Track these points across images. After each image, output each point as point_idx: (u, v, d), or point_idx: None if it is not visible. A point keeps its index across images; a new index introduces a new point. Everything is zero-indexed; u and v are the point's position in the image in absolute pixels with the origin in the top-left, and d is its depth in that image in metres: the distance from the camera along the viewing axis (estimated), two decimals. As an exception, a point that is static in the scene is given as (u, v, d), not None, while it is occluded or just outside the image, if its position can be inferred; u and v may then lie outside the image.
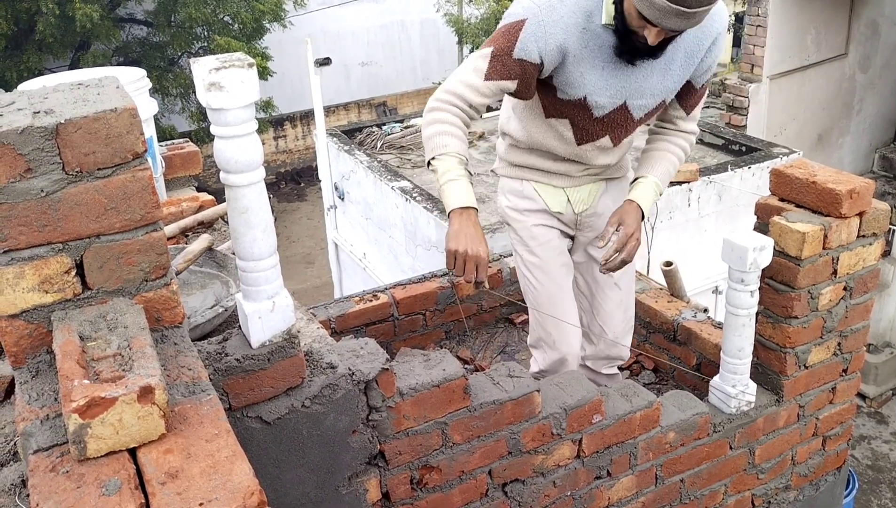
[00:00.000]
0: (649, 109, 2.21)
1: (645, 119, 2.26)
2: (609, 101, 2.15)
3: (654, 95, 2.17)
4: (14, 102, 1.27)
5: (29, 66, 9.63)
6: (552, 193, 2.39)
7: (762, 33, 7.56)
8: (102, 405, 1.06)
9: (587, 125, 2.22)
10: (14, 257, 1.23)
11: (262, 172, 1.51)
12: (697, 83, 2.22)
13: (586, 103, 2.15)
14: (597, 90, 2.12)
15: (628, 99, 2.15)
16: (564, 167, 2.35)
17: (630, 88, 2.13)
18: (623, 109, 2.18)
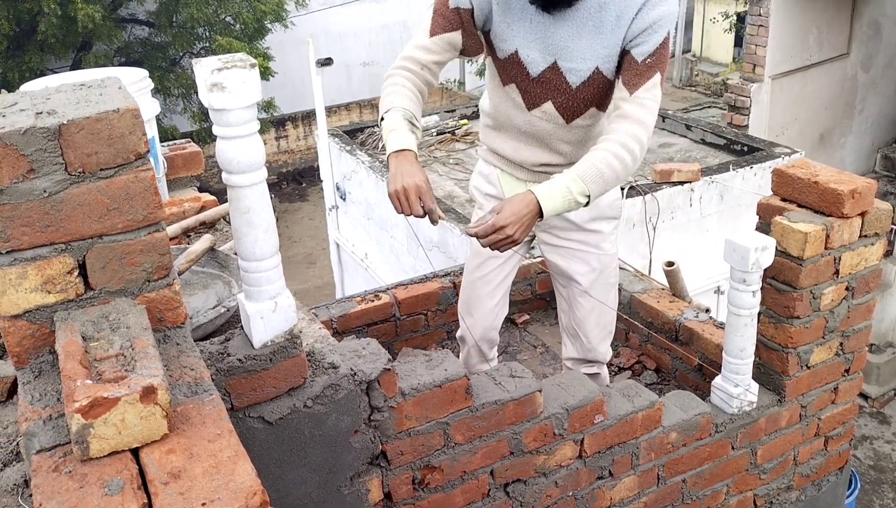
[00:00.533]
0: (584, 76, 2.12)
1: (585, 91, 2.15)
2: (540, 56, 2.12)
3: (586, 60, 2.10)
4: (17, 103, 1.28)
5: (31, 66, 9.64)
6: (514, 184, 2.39)
7: (764, 33, 7.56)
8: (105, 405, 1.06)
9: (529, 87, 2.20)
10: (17, 258, 1.23)
11: (264, 172, 1.51)
12: (638, 55, 2.04)
13: (519, 59, 2.15)
14: (526, 43, 2.12)
15: (559, 59, 2.11)
16: (529, 153, 2.32)
17: (558, 47, 2.10)
18: (556, 71, 2.13)
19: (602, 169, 1.99)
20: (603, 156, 2.00)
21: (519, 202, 1.94)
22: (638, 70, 2.04)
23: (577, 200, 1.96)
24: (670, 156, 6.28)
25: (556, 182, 1.97)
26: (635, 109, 2.04)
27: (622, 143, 2.01)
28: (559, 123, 2.24)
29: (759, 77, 7.71)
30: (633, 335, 3.13)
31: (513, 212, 1.92)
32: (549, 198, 1.95)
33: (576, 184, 1.96)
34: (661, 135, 6.73)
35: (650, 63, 2.04)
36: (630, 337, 3.15)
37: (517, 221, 1.92)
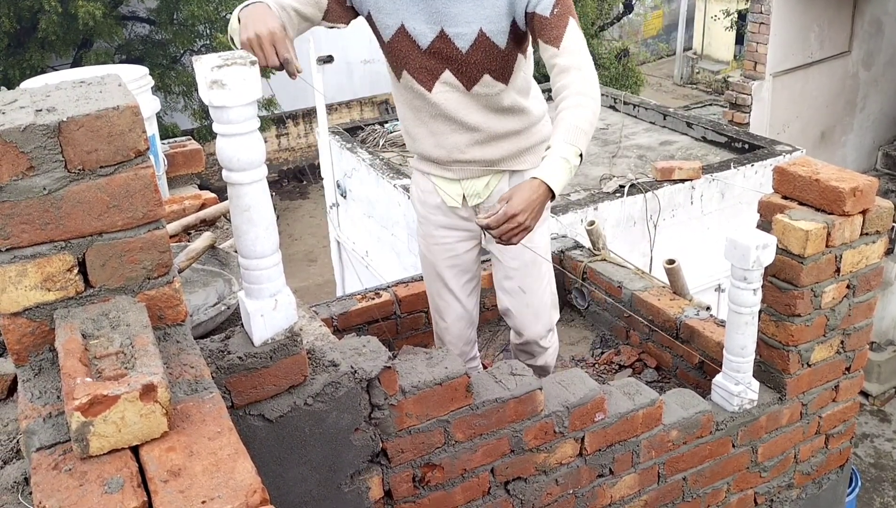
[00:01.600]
0: (470, 39, 2.10)
1: (475, 56, 2.13)
2: (427, 27, 2.11)
3: (470, 23, 2.08)
4: (16, 100, 1.28)
5: (32, 64, 9.63)
6: (448, 186, 2.38)
7: (765, 31, 7.55)
8: (105, 402, 1.06)
9: (422, 62, 2.16)
10: (16, 256, 1.23)
11: (265, 169, 1.51)
12: (543, 10, 2.02)
13: (407, 32, 2.13)
14: (411, 15, 2.11)
15: (444, 26, 2.10)
16: (448, 141, 2.28)
17: (441, 14, 2.08)
18: (444, 39, 2.11)
19: (578, 123, 1.97)
20: (572, 111, 1.99)
21: (527, 189, 1.90)
22: (551, 24, 2.03)
23: (575, 163, 1.95)
24: (671, 154, 6.28)
25: (550, 158, 1.94)
26: (571, 58, 2.03)
27: (580, 91, 2.00)
28: (461, 90, 2.19)
29: (760, 75, 7.70)
30: (633, 333, 3.13)
31: (523, 199, 1.89)
32: (553, 174, 1.92)
33: (567, 150, 1.93)
34: (662, 133, 6.73)
35: (559, 12, 2.03)
36: (631, 335, 3.15)
37: (528, 207, 1.89)
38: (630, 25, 18.02)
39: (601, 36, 12.63)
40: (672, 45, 19.05)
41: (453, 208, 2.42)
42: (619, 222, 5.22)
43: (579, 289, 3.36)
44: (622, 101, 7.26)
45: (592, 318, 3.36)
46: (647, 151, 6.31)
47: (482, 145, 2.29)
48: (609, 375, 3.04)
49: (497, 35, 2.10)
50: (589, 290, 3.32)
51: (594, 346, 3.25)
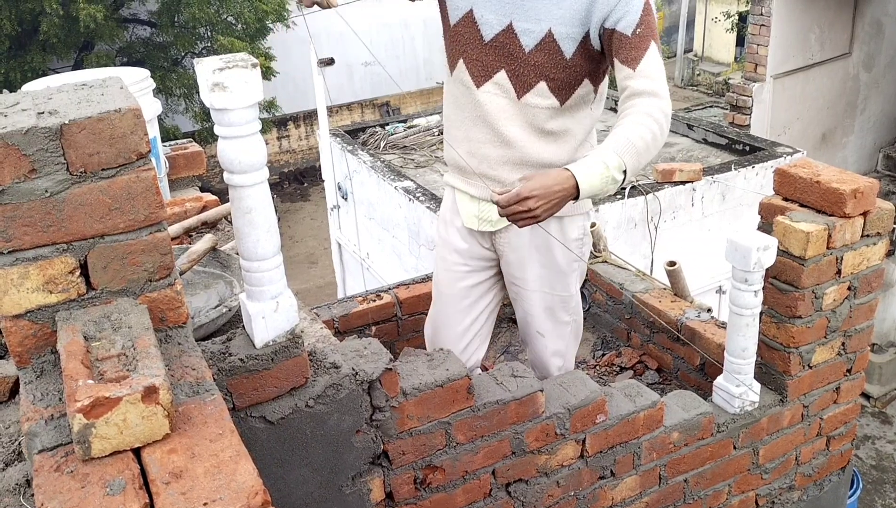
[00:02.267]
0: (538, 38, 2.00)
1: (538, 57, 2.02)
2: (495, 17, 2.03)
3: (541, 21, 1.98)
4: (18, 103, 1.28)
5: (33, 66, 9.64)
6: (467, 204, 2.26)
7: (766, 32, 7.56)
8: (107, 405, 1.06)
9: (480, 54, 2.08)
10: (19, 258, 1.23)
11: (266, 172, 1.52)
12: (625, 29, 1.91)
13: (474, 19, 2.05)
14: (482, 1, 2.03)
15: (514, 19, 2.01)
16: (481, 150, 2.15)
17: (514, 4, 2.00)
18: (510, 33, 2.02)
19: (633, 140, 1.84)
20: (631, 128, 1.86)
21: (552, 176, 1.78)
22: (632, 44, 1.91)
23: (614, 176, 1.81)
24: (672, 156, 6.27)
25: (591, 158, 1.82)
26: (646, 83, 1.91)
27: (647, 113, 1.88)
28: (510, 96, 2.08)
29: (760, 77, 7.71)
30: (634, 335, 3.13)
31: (542, 184, 1.76)
32: (587, 173, 1.79)
33: (611, 158, 1.80)
34: (663, 134, 6.72)
35: (642, 33, 1.91)
36: (632, 337, 3.15)
37: (544, 194, 1.76)
38: (631, 27, 18.03)
39: (602, 38, 12.62)
40: (673, 47, 19.05)
41: (471, 232, 2.29)
42: (619, 223, 5.22)
43: (580, 291, 3.36)
44: (623, 103, 7.25)
45: (593, 320, 3.36)
46: (647, 153, 6.30)
47: (512, 167, 2.14)
48: (610, 377, 3.04)
49: (565, 40, 1.98)
50: (590, 292, 3.32)
51: (595, 348, 3.25)
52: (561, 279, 2.30)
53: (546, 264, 2.26)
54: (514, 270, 2.29)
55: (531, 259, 2.25)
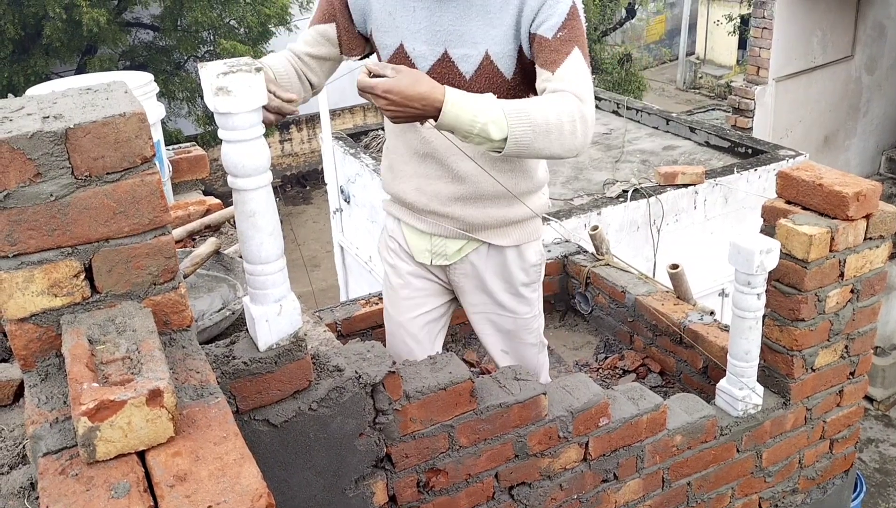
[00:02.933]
0: (476, 63, 1.88)
1: (479, 84, 1.90)
2: (428, 48, 1.90)
3: (476, 43, 1.87)
4: (23, 107, 1.28)
5: (36, 70, 9.66)
6: (417, 239, 2.16)
7: (768, 35, 7.56)
8: (112, 408, 1.07)
9: None
10: (24, 261, 1.24)
11: (270, 175, 1.52)
12: (546, 32, 1.80)
13: (406, 54, 1.93)
14: (411, 34, 1.91)
15: (448, 47, 1.89)
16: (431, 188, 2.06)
17: (447, 32, 1.88)
18: (447, 62, 1.90)
19: (532, 113, 1.67)
20: (538, 103, 1.70)
21: (417, 89, 1.63)
22: (552, 47, 1.79)
23: (488, 130, 1.64)
24: (674, 158, 6.28)
25: (476, 96, 1.67)
26: (566, 85, 1.76)
27: (562, 101, 1.73)
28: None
29: (763, 79, 7.71)
30: (637, 338, 3.13)
31: (402, 90, 1.62)
32: (455, 106, 1.63)
33: (494, 112, 1.65)
34: (665, 138, 6.73)
35: (563, 37, 1.79)
36: (635, 340, 3.15)
37: (399, 102, 1.63)
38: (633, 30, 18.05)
39: (604, 41, 12.64)
40: (675, 49, 19.06)
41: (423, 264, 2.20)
42: (622, 226, 5.22)
43: (583, 294, 3.37)
44: (625, 106, 7.27)
45: (596, 323, 3.36)
46: (650, 156, 6.32)
47: (465, 203, 2.05)
48: (613, 380, 3.04)
49: (503, 59, 1.88)
50: (593, 295, 3.32)
51: (598, 351, 3.25)
52: (522, 303, 2.22)
53: (505, 289, 2.18)
54: (472, 298, 2.21)
55: (489, 286, 2.17)
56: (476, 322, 2.27)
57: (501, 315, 2.23)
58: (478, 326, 2.27)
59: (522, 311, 2.23)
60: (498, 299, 2.19)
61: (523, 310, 2.23)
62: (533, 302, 2.25)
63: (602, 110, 7.44)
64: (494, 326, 2.25)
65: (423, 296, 2.25)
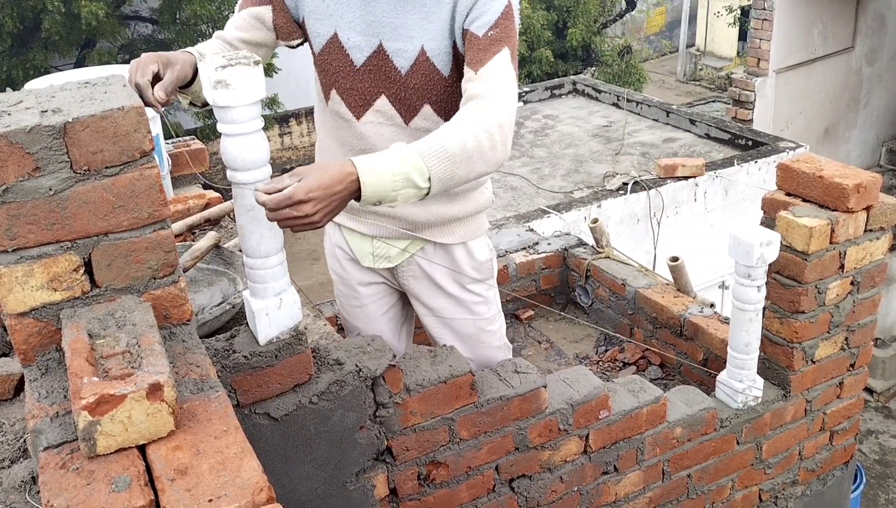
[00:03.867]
0: (412, 58, 1.80)
1: (416, 79, 1.83)
2: (363, 39, 1.81)
3: (412, 38, 1.79)
4: (22, 101, 1.28)
5: (35, 64, 9.64)
6: (359, 241, 2.07)
7: (768, 27, 7.54)
8: (112, 402, 1.07)
9: (355, 82, 1.86)
10: (23, 256, 1.24)
11: (269, 169, 1.52)
12: (477, 29, 1.73)
13: (340, 44, 1.83)
14: (346, 24, 1.81)
15: (383, 39, 1.80)
16: None
17: (381, 24, 1.79)
18: (382, 55, 1.81)
19: (448, 145, 1.56)
20: (451, 131, 1.59)
21: (330, 174, 1.45)
22: (481, 45, 1.72)
23: (414, 180, 1.51)
24: (674, 151, 6.27)
25: (385, 153, 1.53)
26: (486, 87, 1.68)
27: (476, 118, 1.63)
28: (397, 122, 1.89)
29: (763, 71, 7.69)
30: (637, 331, 3.13)
31: (320, 184, 1.43)
32: (373, 172, 1.48)
33: (411, 159, 1.51)
34: (666, 130, 6.72)
35: (493, 36, 1.72)
36: (635, 332, 3.15)
37: (323, 197, 1.44)
38: (633, 22, 18.00)
39: (604, 33, 12.60)
40: (675, 41, 19.01)
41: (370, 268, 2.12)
42: (622, 219, 5.22)
43: (583, 286, 3.37)
44: (625, 98, 7.26)
45: (596, 315, 3.36)
46: (650, 149, 6.31)
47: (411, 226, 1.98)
48: (613, 372, 3.04)
49: (439, 56, 1.80)
50: (593, 287, 3.32)
51: (598, 343, 3.25)
52: (479, 303, 2.14)
53: (458, 288, 2.10)
54: (426, 300, 2.12)
55: (441, 285, 2.09)
56: (432, 328, 2.16)
57: (459, 319, 2.14)
58: (435, 331, 2.16)
59: (481, 311, 2.15)
60: (453, 298, 2.10)
61: (481, 310, 2.15)
62: (490, 300, 2.17)
63: (602, 102, 7.43)
64: (454, 332, 2.15)
65: (373, 301, 2.18)
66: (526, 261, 3.39)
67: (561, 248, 3.45)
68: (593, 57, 12.25)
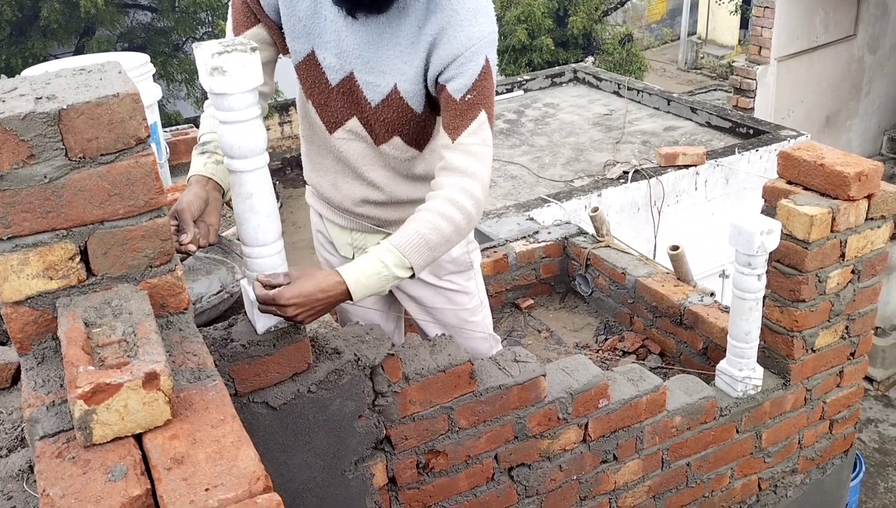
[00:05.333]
0: (383, 94, 1.79)
1: (386, 113, 1.82)
2: (338, 61, 1.79)
3: (385, 74, 1.77)
4: (16, 88, 1.27)
5: (34, 52, 9.61)
6: (339, 233, 2.09)
7: (770, 15, 7.51)
8: (108, 391, 1.06)
9: (327, 99, 1.86)
10: (18, 244, 1.23)
11: (266, 157, 1.51)
12: (454, 91, 1.71)
13: (317, 61, 1.81)
14: (323, 43, 1.78)
15: (355, 70, 1.78)
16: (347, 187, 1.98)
17: (355, 54, 1.77)
18: (353, 83, 1.80)
19: (426, 234, 1.67)
20: (427, 218, 1.68)
21: (316, 283, 1.59)
22: (457, 109, 1.71)
23: (396, 274, 1.65)
24: (675, 139, 6.25)
25: (368, 257, 1.65)
26: (462, 159, 1.71)
27: (451, 199, 1.70)
28: (368, 142, 1.89)
29: (764, 59, 7.66)
30: (637, 320, 3.13)
31: (301, 292, 1.57)
32: (360, 278, 1.62)
33: (391, 255, 1.64)
34: (667, 118, 6.70)
35: (471, 100, 1.71)
36: (635, 321, 3.15)
37: (305, 303, 1.57)
38: (634, 10, 17.92)
39: (605, 21, 12.55)
40: (676, 29, 18.93)
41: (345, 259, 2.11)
42: (622, 208, 5.21)
43: (583, 276, 3.36)
44: (626, 86, 7.23)
45: (596, 304, 3.35)
46: (651, 137, 6.29)
47: (379, 206, 1.99)
48: (613, 361, 3.04)
49: (413, 98, 1.79)
50: (593, 276, 3.31)
51: (598, 332, 3.25)
52: (459, 293, 2.14)
53: (435, 280, 2.10)
54: (406, 288, 2.12)
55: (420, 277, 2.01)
56: (417, 317, 2.17)
57: (440, 309, 2.14)
58: (420, 321, 2.18)
59: (461, 301, 2.14)
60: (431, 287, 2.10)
61: (461, 300, 2.15)
62: (470, 291, 2.17)
63: (603, 91, 7.40)
64: (437, 322, 2.16)
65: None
66: (526, 250, 3.39)
67: (561, 237, 3.44)
68: (594, 45, 12.20)
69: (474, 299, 2.19)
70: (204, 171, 1.70)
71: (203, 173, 1.70)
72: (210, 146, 1.74)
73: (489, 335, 2.28)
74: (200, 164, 1.72)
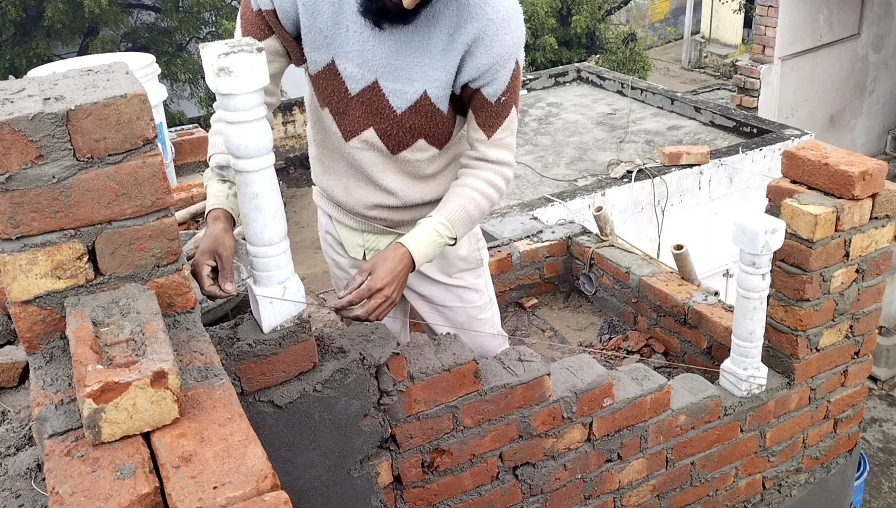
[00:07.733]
0: (410, 101, 1.83)
1: (412, 119, 1.87)
2: (360, 71, 1.81)
3: (413, 81, 1.81)
4: (24, 89, 1.28)
5: (38, 52, 9.62)
6: (349, 235, 2.12)
7: (774, 14, 7.50)
8: (116, 389, 1.07)
9: (346, 108, 1.88)
10: (27, 244, 1.24)
11: (272, 157, 1.52)
12: (490, 96, 1.81)
13: (336, 71, 1.83)
14: (344, 53, 1.80)
15: (380, 78, 1.81)
16: (360, 192, 2.00)
17: (381, 63, 1.79)
18: (377, 91, 1.83)
19: (470, 210, 1.86)
20: (471, 195, 1.87)
21: (392, 258, 1.76)
22: (493, 111, 1.84)
23: (446, 242, 1.84)
24: (679, 138, 6.25)
25: (424, 228, 1.81)
26: (497, 152, 1.88)
27: (490, 181, 1.88)
28: (384, 152, 1.93)
29: (768, 58, 7.66)
30: (641, 319, 3.13)
31: (388, 270, 1.74)
32: (421, 246, 1.80)
33: (444, 228, 1.82)
34: (671, 117, 6.69)
35: (505, 101, 1.83)
36: (639, 321, 3.15)
37: (394, 279, 1.74)
38: (637, 9, 17.89)
39: (608, 20, 12.54)
40: (680, 29, 18.90)
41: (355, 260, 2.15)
42: (626, 207, 5.21)
43: (587, 275, 3.36)
44: (629, 85, 7.23)
45: (600, 304, 3.35)
46: (654, 136, 6.29)
47: (391, 210, 2.02)
48: (617, 360, 3.04)
49: (442, 101, 1.85)
50: (597, 276, 3.31)
51: (602, 332, 3.25)
52: (467, 290, 2.17)
53: (446, 278, 2.13)
54: (416, 287, 2.14)
55: (429, 276, 2.12)
56: (426, 315, 2.20)
57: (450, 307, 2.17)
58: (429, 318, 2.20)
59: (471, 299, 2.17)
60: (441, 285, 2.13)
61: (471, 298, 2.17)
62: (480, 289, 2.20)
63: (606, 90, 7.40)
64: (446, 320, 2.18)
65: None
66: (530, 249, 3.39)
67: (565, 236, 3.44)
68: (597, 44, 12.19)
69: (483, 296, 2.21)
70: (226, 204, 1.74)
71: (225, 207, 1.74)
72: (229, 173, 1.75)
73: (498, 332, 2.30)
74: (223, 195, 1.75)
